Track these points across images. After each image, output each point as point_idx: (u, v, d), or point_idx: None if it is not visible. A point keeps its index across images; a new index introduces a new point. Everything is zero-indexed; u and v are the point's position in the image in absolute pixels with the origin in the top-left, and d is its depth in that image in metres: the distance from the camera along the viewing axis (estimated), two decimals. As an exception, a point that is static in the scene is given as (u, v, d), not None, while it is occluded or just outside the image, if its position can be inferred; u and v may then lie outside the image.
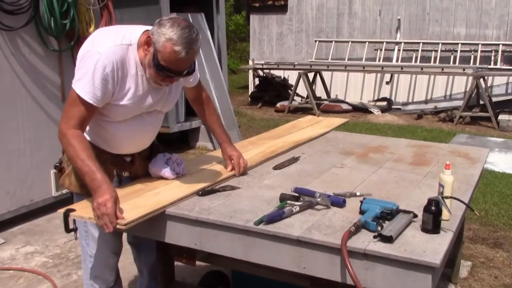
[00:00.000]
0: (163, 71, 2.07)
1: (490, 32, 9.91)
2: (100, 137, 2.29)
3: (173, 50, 2.01)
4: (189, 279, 3.30)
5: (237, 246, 2.01)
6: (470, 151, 3.24)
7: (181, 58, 2.03)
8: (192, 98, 2.61)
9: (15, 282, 3.43)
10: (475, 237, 4.09)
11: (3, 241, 4.03)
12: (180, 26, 2.01)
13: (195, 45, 2.04)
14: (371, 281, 1.78)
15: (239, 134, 7.28)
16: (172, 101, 2.39)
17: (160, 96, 2.29)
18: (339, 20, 11.19)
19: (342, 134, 3.72)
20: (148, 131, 2.39)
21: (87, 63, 2.05)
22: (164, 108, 2.38)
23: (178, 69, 2.09)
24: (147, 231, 2.21)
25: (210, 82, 7.04)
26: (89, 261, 2.43)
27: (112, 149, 2.32)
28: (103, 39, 2.13)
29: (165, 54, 2.02)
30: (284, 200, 2.18)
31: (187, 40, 2.01)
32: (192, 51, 2.04)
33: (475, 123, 8.87)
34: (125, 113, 2.22)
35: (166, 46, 2.01)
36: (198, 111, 2.64)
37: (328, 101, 10.34)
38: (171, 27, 2.01)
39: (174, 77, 2.14)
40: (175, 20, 2.04)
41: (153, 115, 2.35)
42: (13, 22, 4.05)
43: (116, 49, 2.09)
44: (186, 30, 2.01)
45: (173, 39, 1.99)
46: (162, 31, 2.01)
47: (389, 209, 2.00)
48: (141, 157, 2.47)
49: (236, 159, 2.56)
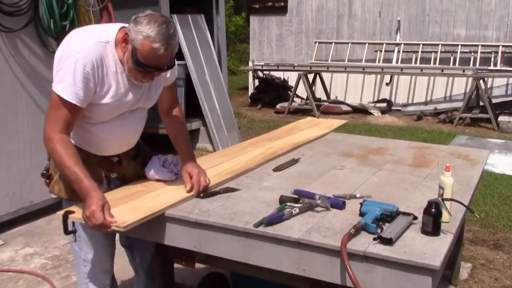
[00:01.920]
0: (143, 68, 2.06)
1: (490, 33, 9.91)
2: (86, 140, 2.26)
3: (152, 48, 2.00)
4: (188, 281, 3.29)
5: (236, 248, 2.01)
6: (470, 153, 3.23)
7: (160, 54, 2.02)
8: (165, 109, 2.50)
9: (14, 284, 3.43)
10: (475, 239, 4.09)
11: (2, 242, 4.02)
12: (157, 23, 2.00)
13: (173, 40, 2.04)
14: (371, 284, 1.78)
15: (239, 136, 7.28)
16: (153, 96, 2.36)
17: (141, 92, 2.27)
18: (339, 21, 11.19)
19: (342, 136, 3.71)
20: (133, 129, 2.37)
21: (66, 64, 2.03)
22: (146, 104, 2.35)
23: (158, 65, 2.08)
24: (147, 233, 2.21)
25: (210, 83, 7.04)
26: (84, 265, 2.39)
27: (99, 151, 2.30)
28: (79, 39, 2.11)
29: (144, 52, 2.01)
30: (283, 202, 2.17)
31: (165, 36, 2.00)
32: (171, 46, 2.04)
33: (475, 125, 8.87)
34: (108, 112, 2.20)
35: (144, 44, 2.00)
36: (168, 123, 2.51)
37: (328, 103, 10.34)
38: (148, 24, 2.00)
39: (155, 73, 2.13)
40: (152, 16, 2.04)
41: (136, 113, 2.33)
42: (13, 24, 4.05)
43: (95, 47, 2.07)
44: (163, 26, 2.00)
45: (150, 37, 1.99)
46: (139, 29, 2.00)
47: (389, 211, 2.00)
48: (128, 157, 2.45)
49: (196, 176, 2.32)
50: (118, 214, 2.02)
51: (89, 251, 2.36)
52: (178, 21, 6.77)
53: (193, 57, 6.87)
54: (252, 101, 11.23)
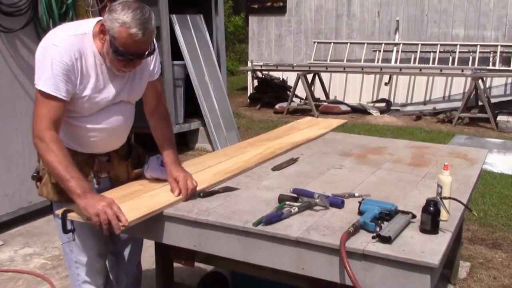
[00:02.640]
0: (123, 57, 2.03)
1: (488, 33, 9.93)
2: (72, 137, 2.23)
3: (129, 34, 1.97)
4: (188, 280, 3.30)
5: (236, 247, 2.01)
6: (468, 152, 3.24)
7: (138, 40, 1.99)
8: (150, 108, 2.42)
9: (14, 283, 3.43)
10: (474, 238, 4.10)
11: (1, 243, 4.02)
12: (131, 8, 1.98)
13: (149, 24, 2.01)
14: (370, 282, 1.78)
15: (238, 136, 7.29)
16: (137, 89, 2.30)
17: (123, 85, 2.23)
18: (337, 21, 11.20)
19: (341, 135, 3.72)
20: (120, 124, 2.31)
21: (45, 58, 2.02)
22: (130, 98, 2.31)
23: (138, 52, 2.05)
24: (146, 233, 2.21)
25: (209, 83, 7.05)
26: (75, 267, 2.38)
27: (86, 149, 2.26)
28: (56, 33, 2.10)
29: (122, 39, 1.99)
30: (283, 201, 2.18)
31: (141, 21, 1.98)
32: (148, 31, 2.01)
33: (474, 124, 8.88)
34: (89, 105, 2.16)
35: (121, 31, 1.97)
36: (153, 125, 2.42)
37: (327, 103, 10.35)
38: (122, 11, 1.97)
39: (136, 61, 2.10)
40: (125, 3, 2.01)
41: (120, 106, 2.28)
42: (12, 24, 4.06)
43: (72, 39, 2.06)
44: (138, 11, 1.98)
45: (126, 23, 1.96)
46: (114, 17, 1.98)
47: (387, 209, 2.00)
48: (119, 157, 2.41)
49: (183, 180, 2.24)
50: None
51: (80, 253, 2.34)
52: (177, 21, 6.78)
53: (192, 57, 6.87)
54: (251, 101, 11.23)
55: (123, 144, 2.42)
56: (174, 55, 6.65)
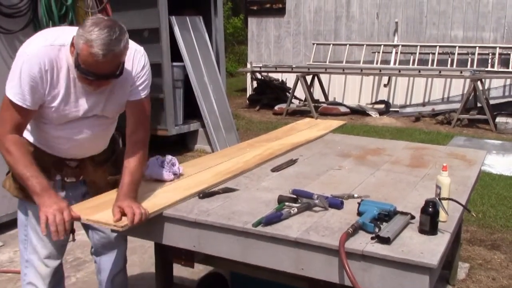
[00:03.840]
0: (85, 75, 1.96)
1: (487, 34, 9.95)
2: (41, 139, 2.21)
3: (90, 53, 1.89)
4: (187, 281, 3.30)
5: (235, 248, 2.01)
6: (467, 153, 3.25)
7: (99, 61, 1.90)
8: (128, 131, 2.23)
9: (13, 284, 3.43)
10: (473, 239, 4.10)
11: (1, 244, 4.03)
12: (99, 26, 1.89)
13: (115, 46, 1.90)
14: (368, 282, 1.79)
15: (237, 137, 7.29)
16: (112, 106, 2.20)
17: (97, 101, 2.14)
18: (337, 23, 11.22)
19: (340, 137, 3.73)
20: (88, 138, 2.23)
21: (16, 65, 1.99)
22: (105, 113, 2.21)
23: (100, 72, 1.95)
24: (145, 233, 2.22)
25: (208, 85, 7.06)
26: (25, 266, 2.36)
27: (54, 152, 2.24)
28: (34, 40, 2.05)
29: (83, 56, 1.91)
30: (282, 202, 2.18)
31: (105, 42, 1.87)
32: (112, 53, 1.90)
33: (472, 126, 8.90)
34: (58, 117, 2.12)
35: (83, 48, 1.89)
36: (127, 148, 2.22)
37: (326, 104, 10.36)
38: (90, 27, 1.89)
39: (102, 81, 2.01)
40: (97, 20, 1.93)
41: (93, 120, 2.20)
42: (12, 25, 4.06)
43: (45, 50, 2.00)
44: (105, 31, 1.88)
45: (89, 41, 1.87)
46: (80, 32, 1.90)
47: (386, 210, 2.01)
48: (94, 163, 2.35)
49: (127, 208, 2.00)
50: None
51: (32, 253, 2.32)
52: (177, 23, 6.79)
53: (191, 58, 6.88)
54: (251, 103, 11.25)
55: (102, 151, 2.37)
56: (173, 57, 6.66)
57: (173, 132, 6.79)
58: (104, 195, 2.28)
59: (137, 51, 2.18)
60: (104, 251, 2.55)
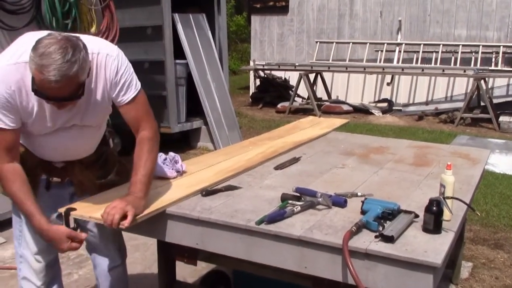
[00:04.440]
0: (43, 98, 1.88)
1: (491, 33, 9.92)
2: (27, 143, 2.19)
3: (41, 79, 1.78)
4: (189, 279, 3.30)
5: (238, 246, 2.01)
6: (471, 152, 3.24)
7: (52, 86, 1.79)
8: (134, 131, 2.20)
9: (16, 281, 3.41)
10: (476, 238, 4.09)
11: (4, 240, 4.03)
12: (52, 48, 1.77)
13: (69, 70, 1.78)
14: (372, 281, 1.78)
15: (239, 135, 7.29)
16: (91, 115, 2.12)
17: (73, 114, 2.06)
18: (340, 21, 11.20)
19: (343, 135, 3.72)
20: (73, 145, 2.19)
21: None
22: (86, 122, 2.14)
23: (57, 96, 1.85)
24: (148, 231, 2.21)
25: (211, 82, 7.05)
26: (19, 261, 2.38)
27: (39, 156, 2.22)
28: (1, 56, 1.97)
29: (37, 82, 1.80)
30: (285, 200, 2.18)
31: (57, 66, 1.76)
32: (66, 77, 1.78)
33: (476, 125, 8.88)
34: (38, 129, 2.08)
35: (35, 74, 1.79)
36: (135, 148, 2.19)
37: (329, 102, 10.35)
38: (41, 50, 1.77)
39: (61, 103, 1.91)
40: (48, 42, 1.79)
41: (73, 130, 2.14)
42: (15, 22, 4.06)
43: (10, 70, 1.91)
44: (57, 54, 1.77)
45: (40, 67, 1.76)
46: (32, 56, 1.78)
47: (390, 209, 2.00)
48: (82, 164, 2.29)
49: (108, 208, 1.98)
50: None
51: (25, 248, 2.34)
52: (180, 20, 6.78)
53: (194, 56, 6.88)
54: (253, 101, 11.24)
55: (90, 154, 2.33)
56: (176, 54, 6.65)
57: (176, 129, 6.79)
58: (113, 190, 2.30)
59: (108, 56, 2.04)
60: (96, 248, 2.53)
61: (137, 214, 2.00)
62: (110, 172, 2.41)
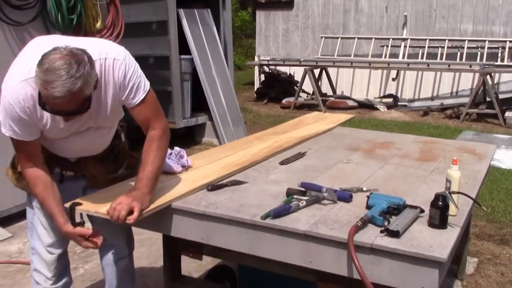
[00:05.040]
0: (50, 113, 1.92)
1: (497, 28, 9.86)
2: (43, 143, 2.22)
3: (47, 95, 1.80)
4: (195, 273, 3.31)
5: (243, 240, 2.01)
6: (477, 147, 3.23)
7: (57, 102, 1.81)
8: (144, 130, 2.22)
9: (22, 275, 3.46)
10: (482, 234, 4.08)
11: (10, 235, 4.06)
12: (56, 63, 1.77)
13: (73, 85, 1.78)
14: (377, 276, 1.78)
15: (244, 130, 7.29)
16: (103, 118, 2.15)
17: (86, 117, 2.08)
18: (345, 16, 11.17)
19: (349, 130, 3.71)
20: (88, 145, 2.25)
21: (0, 104, 1.98)
22: (100, 124, 2.18)
23: (64, 110, 1.88)
24: (154, 225, 2.22)
25: (216, 78, 7.05)
26: (31, 253, 2.43)
27: (54, 153, 2.27)
28: (8, 78, 1.97)
29: (43, 96, 1.83)
30: (290, 195, 2.18)
31: (61, 83, 1.76)
32: (70, 93, 1.79)
33: (481, 120, 8.84)
34: (54, 136, 2.14)
35: (41, 89, 1.81)
36: (144, 145, 2.20)
37: (334, 98, 10.33)
38: (46, 64, 1.78)
39: (68, 116, 1.95)
40: (53, 58, 1.79)
41: (89, 132, 2.19)
42: (21, 17, 4.07)
43: (20, 86, 1.93)
44: (63, 69, 1.77)
45: (45, 83, 1.77)
46: (37, 72, 1.80)
47: (396, 204, 2.00)
48: (95, 158, 2.35)
49: (114, 203, 2.00)
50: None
51: (36, 240, 2.38)
52: (185, 16, 6.78)
53: (199, 51, 6.88)
54: (258, 96, 11.23)
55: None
56: (181, 49, 6.65)
57: (181, 125, 6.80)
58: (120, 185, 2.32)
59: (116, 60, 2.05)
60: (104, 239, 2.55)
61: (143, 209, 2.02)
62: (121, 166, 2.46)
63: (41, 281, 2.41)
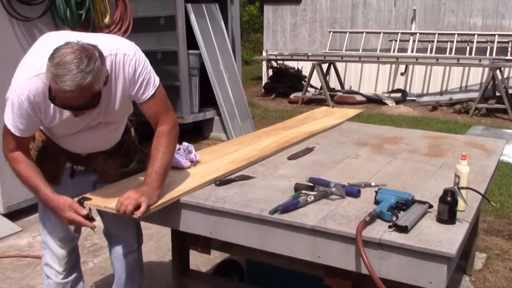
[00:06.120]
0: (60, 107, 1.93)
1: (507, 22, 9.77)
2: (53, 137, 2.26)
3: (56, 89, 1.83)
4: (203, 268, 3.33)
5: (252, 235, 2.02)
6: (486, 143, 3.21)
7: (67, 96, 1.83)
8: (153, 125, 2.23)
9: (32, 269, 3.49)
10: (490, 229, 4.07)
11: (20, 229, 4.09)
12: (67, 57, 1.79)
13: (83, 79, 1.80)
14: (386, 271, 1.78)
15: (252, 125, 7.29)
16: (112, 113, 2.16)
17: (95, 115, 2.11)
18: (353, 10, 11.11)
19: (357, 125, 3.70)
20: (98, 140, 2.28)
21: (8, 97, 2.00)
22: (109, 119, 2.20)
23: (72, 104, 1.89)
24: (162, 220, 2.23)
25: (224, 72, 7.05)
26: (43, 247, 2.45)
27: (65, 148, 2.29)
28: (19, 73, 1.99)
29: (53, 90, 1.85)
30: (299, 190, 2.18)
31: (71, 77, 1.78)
32: (79, 87, 1.81)
33: (490, 115, 8.78)
34: (62, 131, 2.16)
35: (51, 83, 1.83)
36: (153, 140, 2.21)
37: (342, 93, 10.29)
38: (58, 58, 1.80)
39: (78, 111, 1.95)
40: (65, 50, 1.82)
41: (99, 127, 2.20)
42: (30, 13, 4.09)
43: (30, 82, 1.95)
44: (73, 64, 1.79)
45: (55, 76, 1.80)
46: (48, 66, 1.82)
47: (404, 199, 2.00)
48: (105, 153, 2.37)
49: (122, 198, 2.01)
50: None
51: (47, 235, 2.40)
52: (193, 11, 6.77)
53: (207, 46, 6.87)
54: (266, 91, 11.22)
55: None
56: (189, 44, 6.65)
57: (189, 120, 6.81)
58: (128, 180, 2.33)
59: (126, 55, 2.06)
60: (113, 233, 2.60)
61: (150, 204, 2.03)
62: (132, 160, 2.48)
63: (52, 275, 2.44)
